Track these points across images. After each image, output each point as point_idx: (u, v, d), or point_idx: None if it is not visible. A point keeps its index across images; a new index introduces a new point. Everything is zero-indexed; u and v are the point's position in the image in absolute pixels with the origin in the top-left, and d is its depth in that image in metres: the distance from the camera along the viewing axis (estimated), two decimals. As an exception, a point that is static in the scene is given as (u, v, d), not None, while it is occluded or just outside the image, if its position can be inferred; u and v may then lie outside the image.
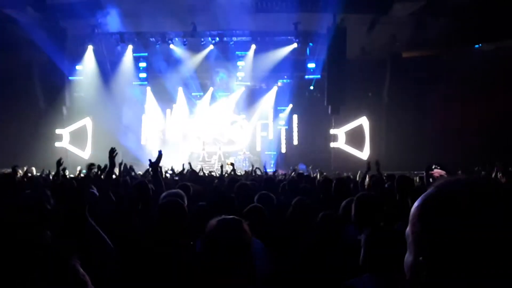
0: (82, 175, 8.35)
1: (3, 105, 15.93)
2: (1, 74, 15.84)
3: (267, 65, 17.16)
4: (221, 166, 8.62)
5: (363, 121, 17.31)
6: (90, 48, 16.85)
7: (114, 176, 5.22)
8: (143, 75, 17.89)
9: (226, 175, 8.35)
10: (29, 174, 8.90)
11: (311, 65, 17.25)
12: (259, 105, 19.04)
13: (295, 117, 19.02)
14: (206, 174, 10.22)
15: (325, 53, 15.48)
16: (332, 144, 17.10)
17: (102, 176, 4.46)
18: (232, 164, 8.77)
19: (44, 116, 17.08)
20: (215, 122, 19.33)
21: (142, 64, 17.70)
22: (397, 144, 15.86)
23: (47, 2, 14.50)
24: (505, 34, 14.19)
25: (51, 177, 7.65)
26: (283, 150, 18.94)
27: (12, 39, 15.28)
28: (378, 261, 1.92)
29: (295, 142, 19.01)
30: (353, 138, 17.15)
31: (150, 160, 4.28)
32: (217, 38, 16.79)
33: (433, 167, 4.57)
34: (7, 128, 15.89)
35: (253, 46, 16.94)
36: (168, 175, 8.60)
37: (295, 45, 16.62)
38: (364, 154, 16.75)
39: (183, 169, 9.36)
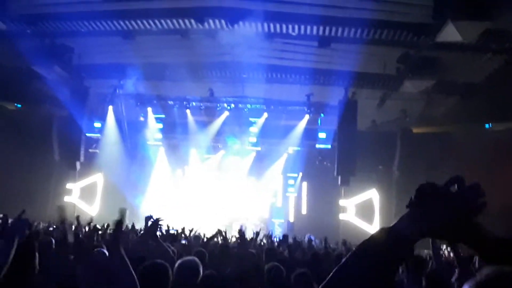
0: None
1: (20, 155, 16.24)
2: (23, 126, 16.38)
3: (278, 132, 17.54)
4: (222, 232, 8.33)
5: (373, 194, 17.15)
6: (110, 108, 17.54)
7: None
8: (158, 135, 18.38)
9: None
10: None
11: (322, 135, 17.57)
12: (268, 171, 19.11)
13: (304, 185, 18.96)
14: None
15: (336, 124, 15.79)
16: (341, 216, 16.83)
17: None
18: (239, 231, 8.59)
19: (57, 169, 17.37)
20: (224, 186, 19.32)
21: (158, 125, 18.28)
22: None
23: (74, 62, 15.35)
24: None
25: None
26: (291, 219, 18.65)
27: (37, 94, 16.06)
28: None
29: (304, 211, 18.76)
30: (362, 211, 16.89)
31: (148, 221, 4.17)
32: (232, 105, 17.40)
33: (443, 248, 4.45)
34: (19, 178, 16.09)
35: (266, 114, 17.46)
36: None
37: (307, 117, 17.11)
38: (373, 227, 16.39)
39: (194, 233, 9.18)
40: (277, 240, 10.65)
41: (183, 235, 8.72)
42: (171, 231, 8.33)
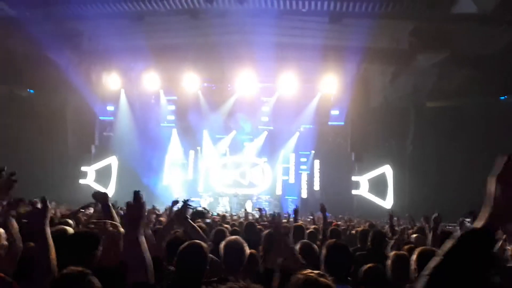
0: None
1: (36, 142, 16.46)
2: (38, 113, 16.53)
3: (291, 111, 17.50)
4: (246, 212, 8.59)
5: (386, 169, 17.15)
6: (122, 91, 17.62)
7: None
8: (171, 117, 18.51)
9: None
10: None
11: (335, 112, 17.49)
12: (281, 149, 19.16)
13: (316, 162, 18.99)
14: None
15: (348, 101, 15.70)
16: (354, 191, 16.92)
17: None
18: (259, 209, 8.74)
19: (72, 154, 17.63)
20: (237, 165, 19.44)
21: (171, 107, 18.37)
22: (420, 194, 15.56)
23: (85, 47, 15.37)
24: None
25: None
26: (304, 195, 18.78)
27: (51, 80, 16.15)
28: None
29: (316, 187, 18.85)
30: (375, 186, 16.94)
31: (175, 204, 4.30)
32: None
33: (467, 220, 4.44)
34: (37, 164, 16.35)
35: (278, 93, 17.40)
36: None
37: (319, 94, 17.01)
38: (386, 202, 16.49)
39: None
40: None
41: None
42: (199, 208, 8.47)
